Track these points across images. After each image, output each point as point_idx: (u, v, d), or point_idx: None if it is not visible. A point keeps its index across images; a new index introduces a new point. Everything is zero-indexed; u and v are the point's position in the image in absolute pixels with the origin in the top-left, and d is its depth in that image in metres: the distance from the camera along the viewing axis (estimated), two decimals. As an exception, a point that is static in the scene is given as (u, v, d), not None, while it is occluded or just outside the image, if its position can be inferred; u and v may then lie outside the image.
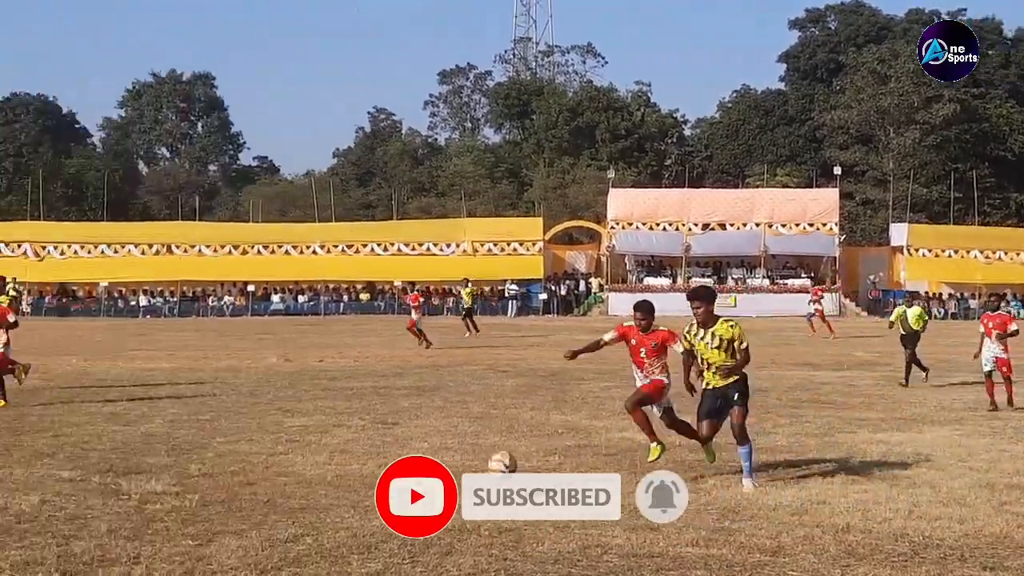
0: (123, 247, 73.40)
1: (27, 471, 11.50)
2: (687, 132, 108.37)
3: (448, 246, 73.76)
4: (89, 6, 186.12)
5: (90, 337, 41.55)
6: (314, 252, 73.28)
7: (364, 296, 71.18)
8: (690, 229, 72.47)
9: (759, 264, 71.19)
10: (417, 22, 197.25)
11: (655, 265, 73.29)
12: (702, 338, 11.33)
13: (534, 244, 72.91)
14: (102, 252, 72.82)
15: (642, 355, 11.73)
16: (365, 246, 73.64)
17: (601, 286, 71.23)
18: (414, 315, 35.19)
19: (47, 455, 12.56)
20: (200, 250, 73.35)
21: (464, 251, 73.12)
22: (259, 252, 73.54)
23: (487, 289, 70.79)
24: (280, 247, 73.82)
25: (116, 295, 71.08)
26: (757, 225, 72.28)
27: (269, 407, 17.67)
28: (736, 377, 11.27)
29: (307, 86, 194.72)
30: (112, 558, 8.00)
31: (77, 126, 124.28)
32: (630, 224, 72.78)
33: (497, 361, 28.20)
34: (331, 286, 72.16)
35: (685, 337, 11.51)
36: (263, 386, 21.28)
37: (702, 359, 11.40)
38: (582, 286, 73.00)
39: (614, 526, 9.03)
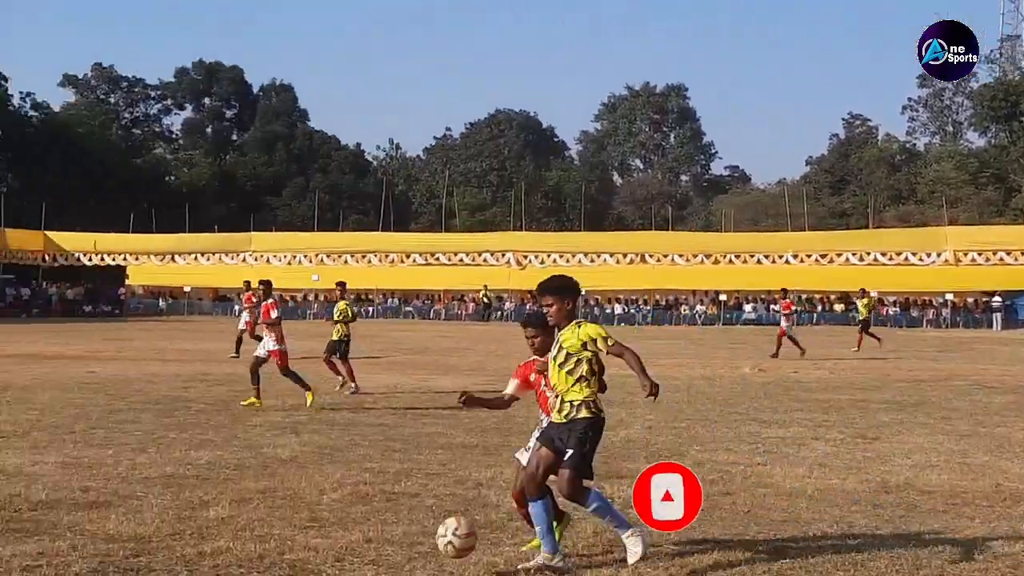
0: (599, 256, 75.82)
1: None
2: None
3: (928, 255, 70.86)
4: (566, 23, 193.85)
5: (569, 343, 42.95)
6: (786, 262, 72.63)
7: (838, 307, 69.64)
8: None
9: None
10: (893, 25, 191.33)
11: None
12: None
13: (1023, 254, 68.61)
14: (579, 261, 75.46)
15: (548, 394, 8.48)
16: (839, 255, 72.15)
17: (1105, 298, 65.96)
18: (784, 323, 34.26)
19: (534, 456, 13.04)
20: (673, 259, 74.52)
21: (945, 261, 70.00)
22: (731, 261, 73.80)
23: (970, 301, 67.60)
24: (752, 256, 73.73)
25: (592, 302, 73.41)
26: None
27: (744, 417, 17.57)
28: (582, 415, 8.02)
29: (779, 94, 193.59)
30: (600, 562, 8.17)
31: (556, 139, 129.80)
32: None
33: (984, 376, 26.71)
34: (804, 296, 71.16)
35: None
36: (737, 396, 21.22)
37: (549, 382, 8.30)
38: (1078, 298, 67.91)
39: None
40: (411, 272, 76.78)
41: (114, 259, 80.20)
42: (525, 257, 76.71)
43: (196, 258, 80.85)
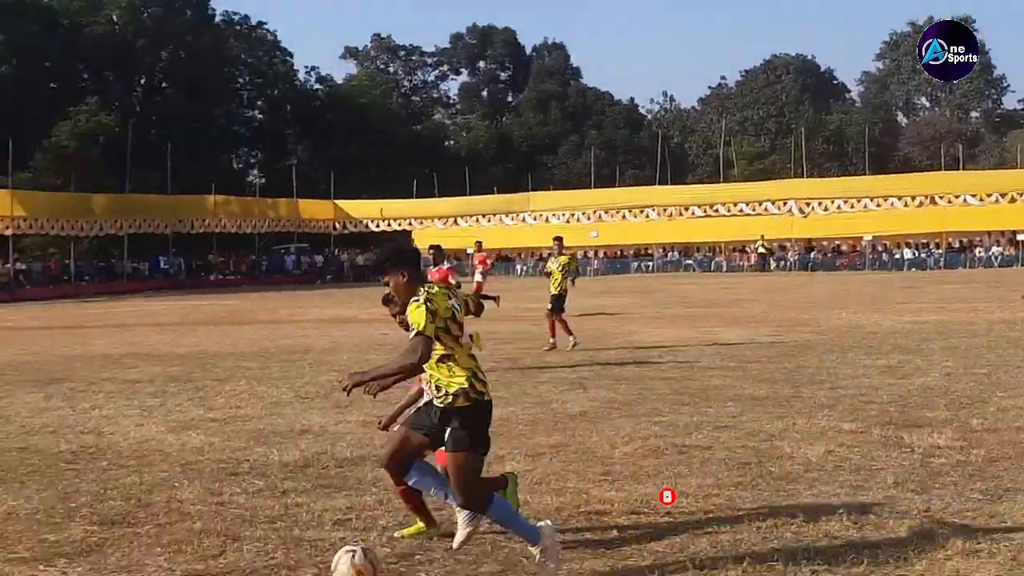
0: (885, 200, 73.12)
1: (808, 422, 11.73)
2: None
3: None
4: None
5: (858, 291, 41.98)
6: (1089, 196, 68.44)
7: None
8: None
9: None
10: None
11: None
12: None
13: None
14: (864, 206, 73.08)
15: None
16: None
17: None
18: None
19: (827, 407, 12.75)
20: (965, 200, 71.20)
21: None
22: (1029, 199, 70.04)
23: None
24: (1051, 192, 69.79)
25: (880, 248, 71.18)
26: None
27: (1050, 361, 16.72)
28: (459, 404, 6.79)
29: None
30: (902, 510, 7.91)
31: (835, 82, 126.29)
32: None
33: None
34: (1110, 231, 66.96)
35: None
36: (1042, 339, 20.20)
37: None
38: None
39: None
40: (690, 225, 76.11)
41: (400, 224, 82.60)
42: (808, 204, 74.70)
43: (477, 220, 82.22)
